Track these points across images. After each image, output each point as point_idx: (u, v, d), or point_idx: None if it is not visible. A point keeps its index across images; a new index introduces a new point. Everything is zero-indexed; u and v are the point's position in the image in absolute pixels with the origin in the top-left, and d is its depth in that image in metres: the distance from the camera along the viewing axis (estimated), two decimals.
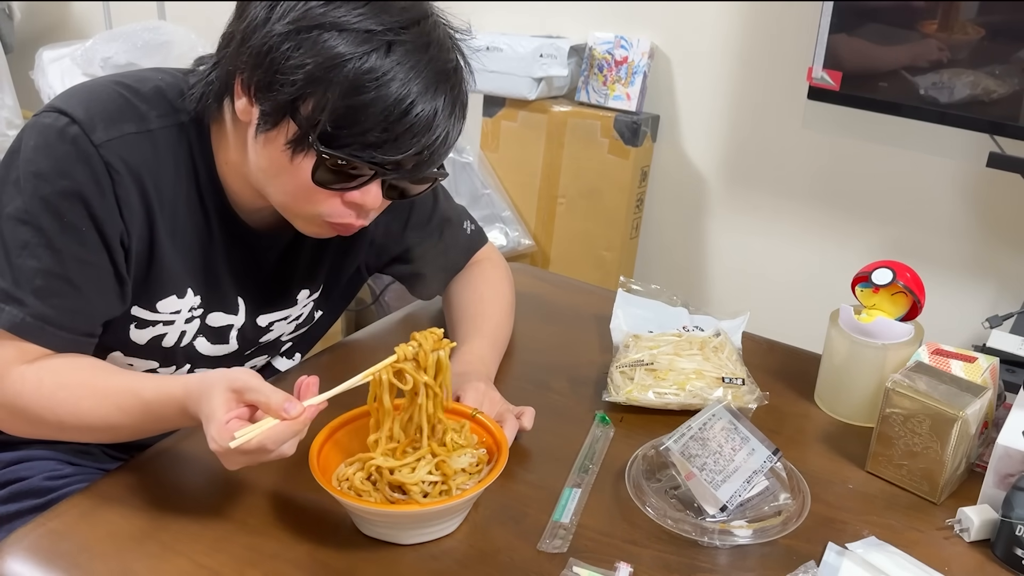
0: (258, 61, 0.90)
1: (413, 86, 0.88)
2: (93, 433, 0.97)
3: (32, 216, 0.92)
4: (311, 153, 0.91)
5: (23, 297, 0.92)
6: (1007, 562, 0.91)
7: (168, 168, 0.98)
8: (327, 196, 0.95)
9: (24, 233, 0.92)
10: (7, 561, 0.86)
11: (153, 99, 0.99)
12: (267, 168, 0.95)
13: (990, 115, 1.76)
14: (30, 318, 0.92)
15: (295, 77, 0.88)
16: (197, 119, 1.00)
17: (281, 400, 0.84)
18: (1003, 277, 2.11)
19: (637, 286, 1.37)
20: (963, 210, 2.12)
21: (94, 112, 0.94)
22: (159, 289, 1.02)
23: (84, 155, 0.92)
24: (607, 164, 2.38)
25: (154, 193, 0.97)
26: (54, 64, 2.81)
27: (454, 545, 0.90)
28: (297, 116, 0.90)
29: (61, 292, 0.93)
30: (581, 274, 2.37)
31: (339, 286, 1.21)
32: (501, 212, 2.50)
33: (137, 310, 1.02)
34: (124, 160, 0.94)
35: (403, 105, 0.88)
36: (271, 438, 0.83)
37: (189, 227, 1.02)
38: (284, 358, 1.25)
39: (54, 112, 0.94)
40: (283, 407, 0.83)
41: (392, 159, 0.91)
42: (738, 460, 0.95)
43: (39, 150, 0.93)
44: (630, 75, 2.35)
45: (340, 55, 0.87)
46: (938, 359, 1.06)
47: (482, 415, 0.97)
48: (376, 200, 0.96)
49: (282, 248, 1.10)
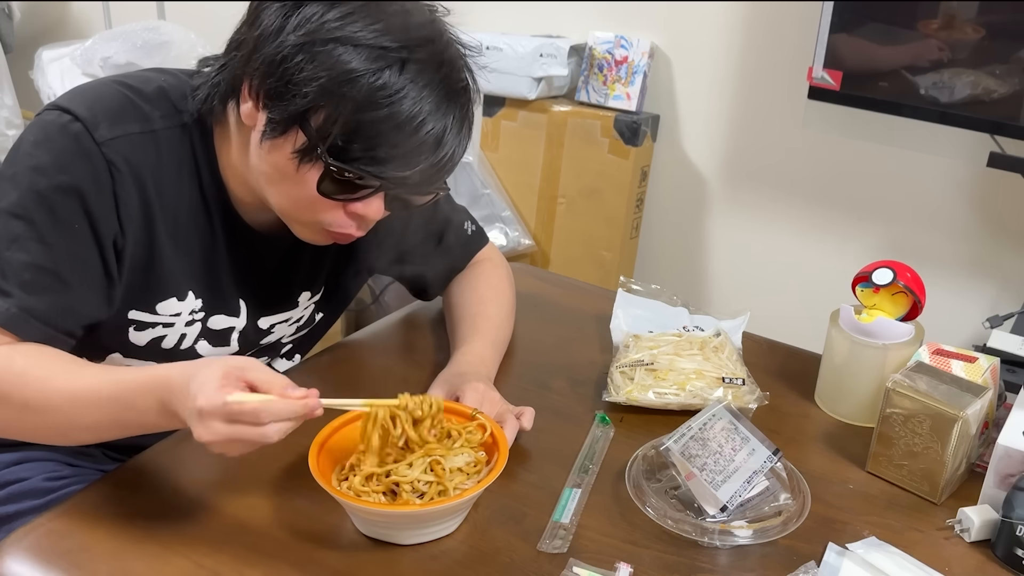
0: (270, 70, 0.90)
1: (425, 104, 0.89)
2: (56, 420, 0.91)
3: (25, 210, 0.91)
4: (318, 164, 0.91)
5: (10, 290, 0.91)
6: (1007, 562, 0.91)
7: (171, 169, 0.98)
8: (330, 206, 0.95)
9: (16, 227, 0.91)
10: (7, 561, 0.86)
11: (156, 100, 0.99)
12: (270, 174, 0.95)
13: (990, 115, 1.76)
14: (15, 309, 0.91)
15: (307, 89, 0.88)
16: (200, 120, 1.00)
17: (285, 382, 0.83)
18: (1003, 277, 2.11)
19: (637, 286, 1.37)
20: (963, 210, 2.12)
21: (98, 111, 0.94)
22: (158, 291, 1.01)
23: (86, 152, 0.92)
24: (607, 164, 2.38)
25: (155, 194, 0.97)
26: (54, 64, 2.81)
27: (454, 545, 0.90)
28: (307, 127, 0.90)
29: (50, 287, 0.93)
30: (581, 274, 2.37)
31: (340, 288, 1.21)
32: (501, 212, 2.50)
33: (135, 313, 1.01)
34: (126, 159, 0.94)
35: (414, 123, 0.88)
36: (267, 409, 0.80)
37: (191, 229, 1.01)
38: (284, 359, 1.25)
39: (57, 110, 0.94)
40: (285, 388, 0.82)
41: (399, 175, 0.91)
42: (738, 460, 0.95)
43: (40, 145, 0.93)
44: (630, 75, 2.35)
45: (354, 70, 0.87)
46: (938, 359, 1.06)
47: (482, 415, 0.97)
48: (378, 213, 0.96)
49: (284, 250, 1.10)
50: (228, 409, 0.80)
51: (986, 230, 2.11)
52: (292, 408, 0.82)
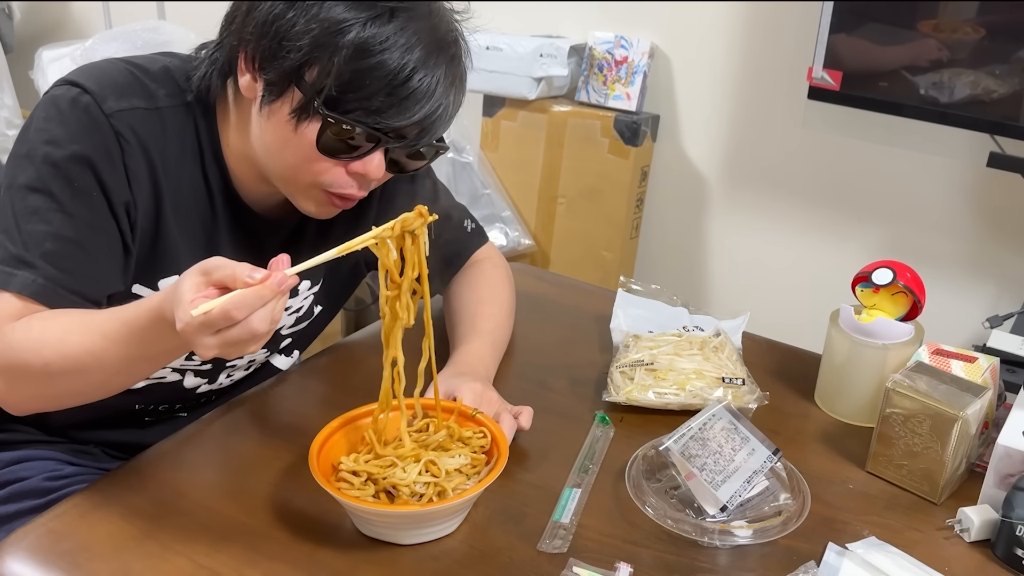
0: (264, 30, 0.93)
1: (415, 52, 0.92)
2: (79, 371, 0.90)
3: (43, 182, 0.92)
4: (316, 119, 0.93)
5: (33, 260, 0.92)
6: (1007, 562, 0.91)
7: (174, 147, 1.00)
8: (331, 166, 0.96)
9: (35, 200, 0.92)
10: (7, 561, 0.86)
11: (161, 78, 1.00)
12: (271, 142, 0.97)
13: (990, 115, 1.76)
14: (42, 279, 0.92)
15: (300, 43, 0.91)
16: (203, 100, 1.01)
17: (247, 268, 0.79)
18: (1003, 277, 2.11)
19: (637, 286, 1.37)
20: (963, 210, 2.12)
21: (105, 84, 0.96)
22: (161, 267, 1.02)
23: (95, 123, 0.94)
24: (607, 164, 2.38)
25: (161, 169, 0.98)
26: (54, 64, 2.81)
27: (454, 545, 0.90)
28: (302, 83, 0.92)
29: (72, 255, 0.93)
30: (581, 274, 2.37)
31: (339, 280, 1.22)
32: (501, 212, 2.50)
33: (139, 287, 1.02)
34: (134, 131, 0.96)
35: (405, 71, 0.91)
36: (235, 304, 0.77)
37: (193, 208, 1.02)
38: (283, 355, 1.25)
39: (66, 84, 0.96)
40: (248, 274, 0.78)
41: (395, 125, 0.93)
42: (738, 460, 0.95)
43: (51, 119, 0.94)
44: (630, 75, 2.35)
45: (344, 20, 0.90)
46: (938, 359, 1.06)
47: (481, 415, 0.97)
48: (379, 169, 0.98)
49: (285, 235, 1.11)
50: (199, 322, 0.77)
51: (986, 230, 2.11)
52: (260, 294, 0.78)
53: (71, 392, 0.94)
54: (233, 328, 0.78)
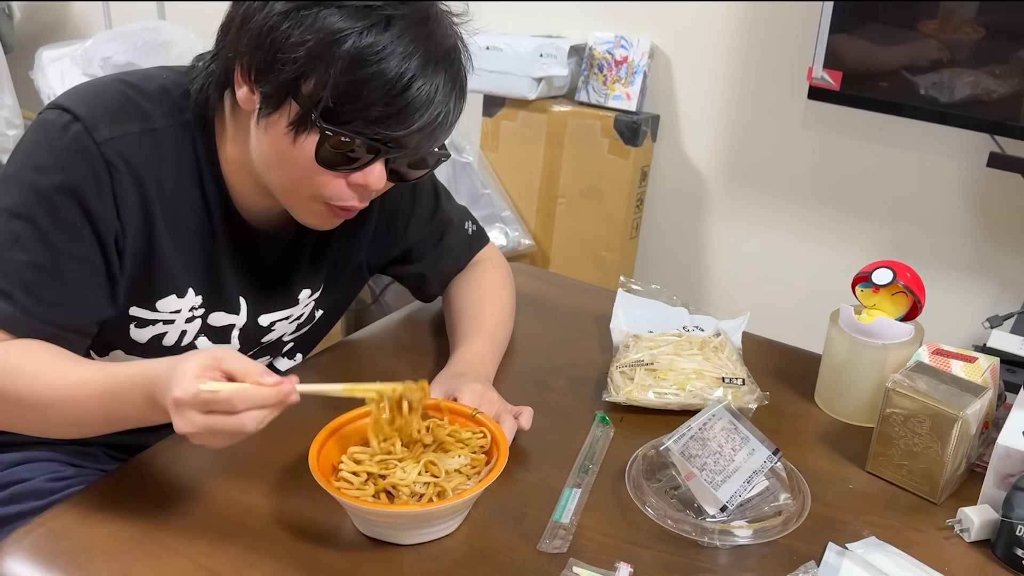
0: (259, 42, 0.91)
1: (413, 61, 0.89)
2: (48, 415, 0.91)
3: (27, 209, 0.91)
4: (314, 132, 0.91)
5: (12, 291, 0.91)
6: (1007, 562, 0.91)
7: (171, 167, 0.98)
8: (331, 178, 0.95)
9: (17, 227, 0.91)
10: (7, 561, 0.86)
11: (158, 98, 0.99)
12: (270, 155, 0.96)
13: (990, 115, 1.76)
14: (20, 313, 0.91)
15: (296, 55, 0.88)
16: (201, 117, 1.00)
17: (261, 370, 0.82)
18: (1003, 277, 2.11)
19: (637, 286, 1.37)
20: (963, 210, 2.12)
21: (97, 110, 0.94)
22: (158, 288, 1.01)
23: (85, 152, 0.92)
24: (607, 164, 2.38)
25: (155, 192, 0.97)
26: (54, 64, 2.81)
27: (454, 545, 0.90)
28: (299, 96, 0.90)
29: (52, 287, 0.93)
30: (581, 274, 2.37)
31: (340, 285, 1.21)
32: (501, 212, 2.50)
33: (136, 310, 1.01)
34: (125, 159, 0.94)
35: (404, 80, 0.89)
36: (241, 396, 0.79)
37: (192, 226, 1.01)
38: (286, 359, 1.25)
39: (57, 109, 0.94)
40: (261, 375, 0.81)
41: (394, 135, 0.91)
42: (738, 460, 0.95)
43: (40, 144, 0.93)
44: (630, 75, 2.35)
45: (340, 30, 0.88)
46: (938, 359, 1.06)
47: (481, 415, 0.97)
48: (380, 180, 0.96)
49: (284, 247, 1.11)
50: (202, 398, 0.79)
51: (986, 230, 2.11)
52: (265, 395, 0.81)
53: (31, 426, 0.96)
54: (226, 417, 0.80)
